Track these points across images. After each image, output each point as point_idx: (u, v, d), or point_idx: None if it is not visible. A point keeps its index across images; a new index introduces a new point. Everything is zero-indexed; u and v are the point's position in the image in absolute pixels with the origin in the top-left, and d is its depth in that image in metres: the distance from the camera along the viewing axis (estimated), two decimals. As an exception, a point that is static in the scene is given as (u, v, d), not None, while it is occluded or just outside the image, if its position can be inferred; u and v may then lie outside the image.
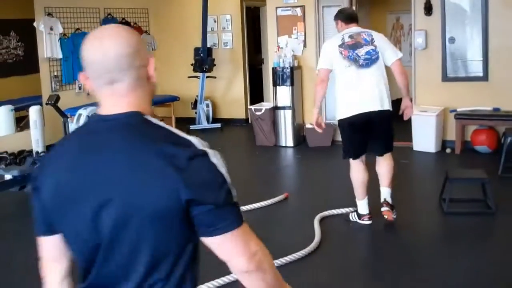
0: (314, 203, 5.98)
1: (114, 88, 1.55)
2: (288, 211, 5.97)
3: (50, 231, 1.70)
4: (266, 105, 9.18)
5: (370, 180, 5.09)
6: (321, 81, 5.06)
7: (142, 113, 1.57)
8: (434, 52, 8.16)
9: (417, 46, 8.27)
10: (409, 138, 8.16)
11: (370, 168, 5.09)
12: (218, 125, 10.63)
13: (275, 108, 8.89)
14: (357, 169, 5.11)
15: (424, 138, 7.87)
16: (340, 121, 5.12)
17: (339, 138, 5.93)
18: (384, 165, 5.13)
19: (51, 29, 9.14)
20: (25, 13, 8.94)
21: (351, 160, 5.15)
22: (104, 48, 1.53)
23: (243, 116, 11.16)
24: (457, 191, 5.57)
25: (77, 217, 1.56)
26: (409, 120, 8.08)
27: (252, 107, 9.19)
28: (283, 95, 8.73)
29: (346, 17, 5.27)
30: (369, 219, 5.14)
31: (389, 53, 4.99)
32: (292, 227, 5.37)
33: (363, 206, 5.17)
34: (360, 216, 5.20)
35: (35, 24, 8.96)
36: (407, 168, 7.29)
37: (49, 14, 9.17)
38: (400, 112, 5.21)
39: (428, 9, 8.14)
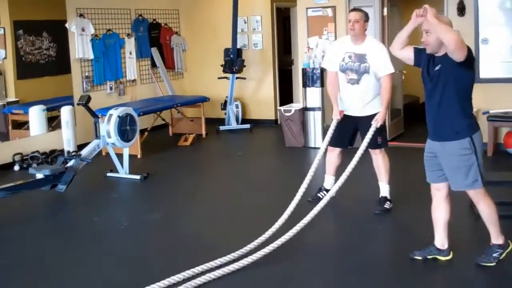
0: (344, 204, 6.00)
1: None
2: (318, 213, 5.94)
3: None
4: (295, 106, 9.14)
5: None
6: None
7: None
8: (466, 53, 8.03)
9: (449, 47, 8.15)
10: (441, 140, 8.07)
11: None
12: (248, 126, 10.62)
13: (305, 109, 8.86)
14: None
15: (455, 140, 7.75)
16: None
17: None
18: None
19: (83, 30, 9.23)
20: (57, 15, 9.05)
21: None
22: None
23: (272, 117, 11.14)
24: (489, 194, 5.47)
25: None
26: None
27: (282, 108, 9.16)
28: (313, 96, 8.69)
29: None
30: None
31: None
32: (323, 228, 5.34)
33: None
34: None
35: (67, 25, 9.06)
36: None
37: (81, 15, 9.27)
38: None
39: (461, 10, 8.04)
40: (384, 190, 5.73)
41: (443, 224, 4.38)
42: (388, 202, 5.69)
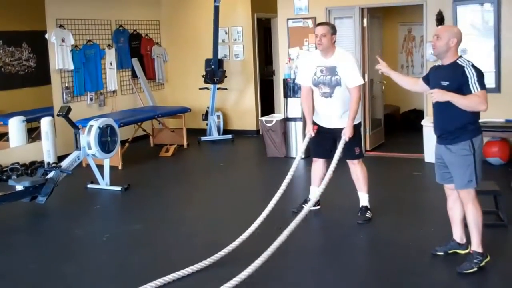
0: (325, 214, 6.01)
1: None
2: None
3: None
4: (277, 117, 9.16)
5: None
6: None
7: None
8: (445, 63, 8.11)
9: (429, 58, 8.23)
10: (421, 150, 8.12)
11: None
12: (229, 136, 10.62)
13: (286, 120, 8.88)
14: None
15: (436, 149, 7.80)
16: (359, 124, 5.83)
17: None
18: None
19: (63, 40, 9.20)
20: (37, 25, 9.00)
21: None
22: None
23: (254, 128, 11.15)
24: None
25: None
26: (421, 132, 8.07)
27: (263, 119, 9.17)
28: (294, 106, 8.71)
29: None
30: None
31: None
32: (306, 239, 5.34)
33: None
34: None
35: (47, 36, 9.02)
36: (420, 180, 7.24)
37: (61, 26, 9.23)
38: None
39: (440, 21, 8.12)
40: (364, 199, 5.77)
41: (459, 221, 4.67)
42: (369, 211, 5.72)
